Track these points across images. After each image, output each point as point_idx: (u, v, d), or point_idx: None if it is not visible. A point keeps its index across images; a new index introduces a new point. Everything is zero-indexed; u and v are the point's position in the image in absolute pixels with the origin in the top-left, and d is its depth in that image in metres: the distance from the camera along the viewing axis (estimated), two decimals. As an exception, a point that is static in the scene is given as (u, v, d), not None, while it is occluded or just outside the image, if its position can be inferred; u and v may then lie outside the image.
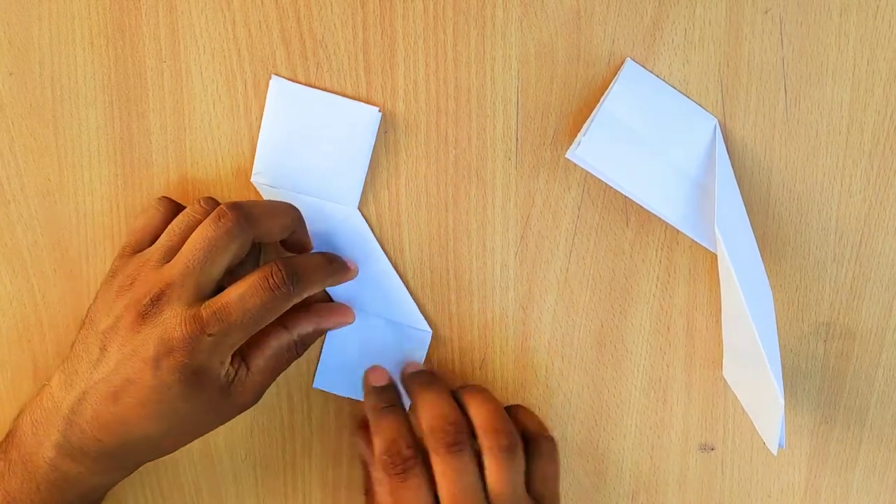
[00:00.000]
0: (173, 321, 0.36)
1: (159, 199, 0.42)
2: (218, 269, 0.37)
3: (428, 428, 0.40)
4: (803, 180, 0.42)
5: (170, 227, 0.39)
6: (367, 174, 0.42)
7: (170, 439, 0.39)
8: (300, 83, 0.41)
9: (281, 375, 0.46)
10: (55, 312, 0.45)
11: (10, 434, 0.40)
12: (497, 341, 0.45)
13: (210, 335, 0.36)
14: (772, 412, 0.39)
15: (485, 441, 0.39)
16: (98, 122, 0.42)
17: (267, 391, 0.42)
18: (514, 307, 0.45)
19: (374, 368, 0.44)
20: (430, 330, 0.44)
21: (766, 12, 0.39)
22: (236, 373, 0.38)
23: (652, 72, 0.40)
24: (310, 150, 0.42)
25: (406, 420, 0.41)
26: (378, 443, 0.40)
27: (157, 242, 0.39)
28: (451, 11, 0.40)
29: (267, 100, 0.41)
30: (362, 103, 0.41)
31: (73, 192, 0.44)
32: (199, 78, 0.42)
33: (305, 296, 0.39)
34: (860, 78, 0.40)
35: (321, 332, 0.42)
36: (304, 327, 0.41)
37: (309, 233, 0.42)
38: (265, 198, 0.42)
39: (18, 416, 0.40)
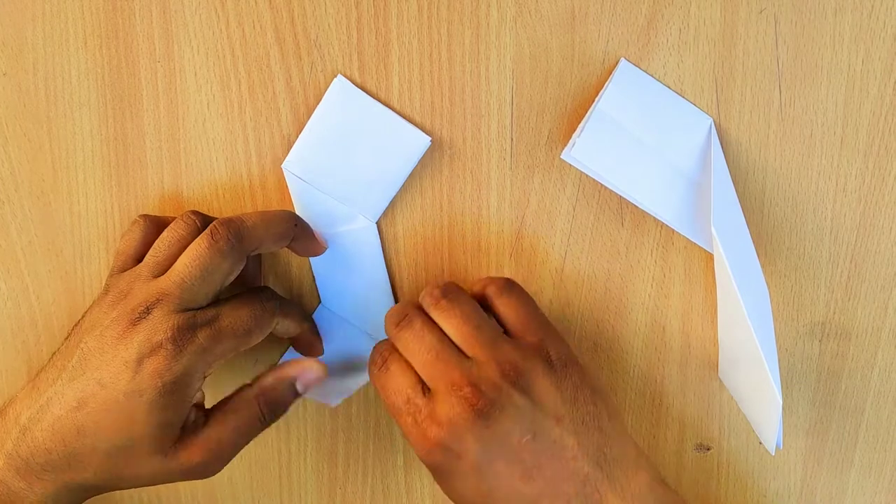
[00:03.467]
0: (163, 325, 0.36)
1: (139, 216, 0.41)
2: (210, 285, 0.38)
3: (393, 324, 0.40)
4: (798, 180, 0.42)
5: (156, 244, 0.39)
6: (362, 174, 0.42)
7: (113, 461, 0.37)
8: (363, 90, 0.41)
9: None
10: (49, 313, 0.45)
11: None
12: (492, 342, 0.45)
13: (197, 340, 0.36)
14: (769, 412, 0.39)
15: (424, 302, 0.39)
16: (92, 123, 0.42)
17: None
18: (510, 307, 0.44)
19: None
20: None
21: (761, 12, 0.39)
22: (195, 420, 0.38)
23: (646, 72, 0.40)
24: (350, 155, 0.42)
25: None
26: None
27: (144, 259, 0.39)
28: (445, 11, 0.40)
29: (325, 95, 0.41)
30: (416, 128, 0.41)
31: (68, 192, 0.43)
32: (193, 78, 0.41)
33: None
34: (855, 78, 0.40)
35: (292, 398, 0.41)
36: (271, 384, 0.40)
37: (320, 236, 0.42)
38: (290, 186, 0.42)
39: None
